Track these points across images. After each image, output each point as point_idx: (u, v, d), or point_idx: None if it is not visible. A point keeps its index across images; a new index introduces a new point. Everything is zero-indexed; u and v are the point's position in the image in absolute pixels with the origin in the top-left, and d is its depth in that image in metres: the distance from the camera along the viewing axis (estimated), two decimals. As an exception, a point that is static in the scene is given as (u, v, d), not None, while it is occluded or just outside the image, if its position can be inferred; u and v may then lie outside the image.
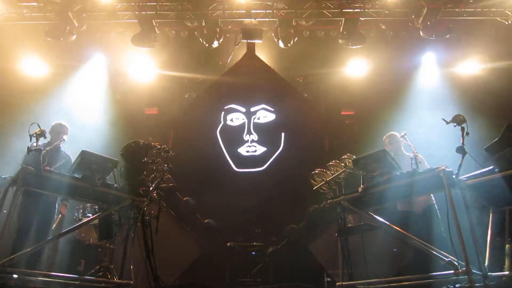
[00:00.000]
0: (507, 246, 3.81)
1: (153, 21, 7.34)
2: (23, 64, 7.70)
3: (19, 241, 4.69)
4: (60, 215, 5.30)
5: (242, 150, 7.98)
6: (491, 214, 4.02)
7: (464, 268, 3.66)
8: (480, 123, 5.57)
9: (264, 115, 8.14)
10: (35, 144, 4.41)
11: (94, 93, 7.79)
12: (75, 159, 4.61)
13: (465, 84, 7.43)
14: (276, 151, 7.98)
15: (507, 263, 3.77)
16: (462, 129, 3.95)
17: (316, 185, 5.14)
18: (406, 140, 4.73)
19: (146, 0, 7.12)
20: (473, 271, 3.63)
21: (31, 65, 7.79)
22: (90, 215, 5.50)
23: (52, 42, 7.35)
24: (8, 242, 4.33)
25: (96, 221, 5.14)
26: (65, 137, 5.23)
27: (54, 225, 5.23)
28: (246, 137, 7.98)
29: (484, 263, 3.74)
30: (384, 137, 5.36)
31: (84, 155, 4.64)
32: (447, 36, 7.13)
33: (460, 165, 3.94)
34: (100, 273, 4.80)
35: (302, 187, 6.10)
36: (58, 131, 5.37)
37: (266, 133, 8.03)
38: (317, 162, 5.52)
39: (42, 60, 7.78)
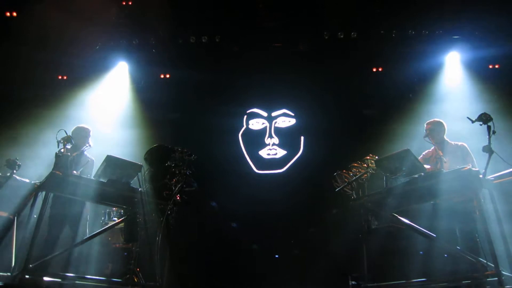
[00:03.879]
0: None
1: (174, 27, 7.47)
2: (50, 73, 7.93)
3: (49, 244, 4.81)
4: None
5: (263, 153, 8.12)
6: (521, 215, 3.91)
7: (493, 270, 3.58)
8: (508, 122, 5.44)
9: (285, 119, 8.24)
10: (62, 150, 4.55)
11: (118, 99, 7.94)
12: (101, 164, 4.73)
13: (491, 83, 7.19)
14: (296, 154, 8.06)
15: (538, 265, 3.66)
16: (489, 127, 3.86)
17: (338, 187, 5.11)
18: (429, 140, 4.65)
19: (168, 6, 7.23)
20: (503, 272, 3.54)
21: (56, 74, 8.03)
22: (116, 219, 5.61)
23: (76, 51, 7.54)
24: (39, 245, 4.44)
25: (122, 225, 5.25)
26: (90, 141, 5.34)
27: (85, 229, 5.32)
28: (267, 140, 8.13)
29: (515, 265, 3.63)
30: (426, 123, 5.08)
31: (109, 160, 4.77)
32: (472, 33, 6.98)
33: (487, 165, 3.86)
34: (127, 276, 4.88)
35: (323, 189, 6.08)
36: (81, 134, 5.44)
37: (287, 137, 8.15)
38: (338, 164, 5.49)
39: (67, 69, 8.00)
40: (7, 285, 3.87)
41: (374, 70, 7.93)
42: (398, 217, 4.53)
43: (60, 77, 8.10)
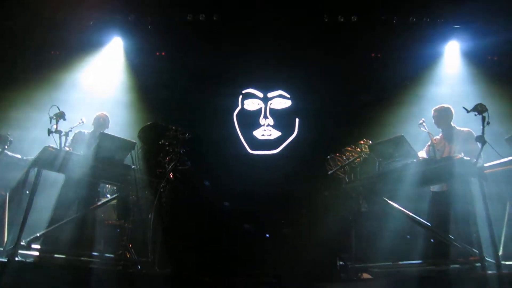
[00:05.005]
0: (522, 236, 3.81)
1: (171, 4, 7.30)
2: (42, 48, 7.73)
3: (54, 222, 4.76)
4: None
5: (258, 134, 8.11)
6: (508, 204, 4.00)
7: (478, 256, 3.69)
8: (504, 113, 5.48)
9: (281, 101, 8.21)
10: (55, 126, 4.52)
11: (112, 76, 7.77)
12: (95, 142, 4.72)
13: (489, 74, 7.11)
14: (290, 136, 8.08)
15: (522, 252, 3.78)
16: (483, 118, 3.89)
17: (331, 170, 5.17)
18: (424, 128, 4.68)
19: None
20: (487, 259, 3.65)
21: (49, 49, 7.83)
22: (108, 195, 5.63)
23: (69, 26, 7.34)
24: (34, 222, 4.44)
25: (114, 202, 5.28)
26: (84, 119, 5.28)
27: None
28: (262, 121, 8.12)
29: (498, 252, 3.74)
30: (433, 110, 5.03)
31: (102, 137, 4.77)
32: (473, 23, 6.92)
33: (479, 154, 3.92)
34: (120, 252, 4.94)
35: (316, 171, 6.13)
36: (102, 121, 5.53)
37: (282, 118, 8.14)
38: (331, 147, 5.53)
39: (60, 44, 7.79)
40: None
41: (373, 55, 7.85)
42: (389, 201, 4.61)
43: (52, 53, 7.90)
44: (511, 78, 6.65)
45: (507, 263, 3.76)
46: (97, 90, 7.39)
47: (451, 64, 7.43)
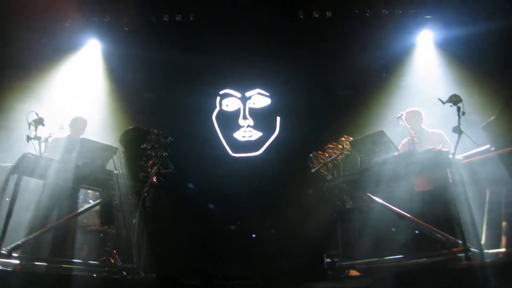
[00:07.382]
0: (503, 223, 3.88)
1: (147, 4, 7.25)
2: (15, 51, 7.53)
3: (33, 229, 4.63)
4: None
5: (238, 135, 8.04)
6: (487, 193, 4.08)
7: (461, 246, 3.74)
8: (478, 102, 5.60)
9: (260, 99, 8.15)
10: (33, 132, 4.44)
11: (90, 79, 7.64)
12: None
13: (462, 63, 7.24)
14: (272, 135, 8.04)
15: (503, 240, 3.85)
16: (458, 108, 3.99)
17: (314, 168, 5.20)
18: (403, 122, 4.75)
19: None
20: (470, 248, 3.71)
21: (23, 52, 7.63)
22: (91, 201, 5.55)
23: (43, 28, 7.19)
24: (15, 229, 4.34)
25: (97, 207, 5.20)
26: (63, 125, 5.18)
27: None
28: (241, 122, 8.04)
29: (481, 240, 3.80)
30: (405, 113, 5.06)
31: (83, 142, 4.71)
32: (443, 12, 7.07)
33: (456, 145, 4.00)
34: (104, 258, 4.87)
35: (299, 170, 6.15)
36: (78, 124, 5.48)
37: (262, 118, 8.08)
38: (314, 145, 5.56)
39: (34, 47, 7.61)
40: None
41: (349, 50, 7.91)
42: (372, 196, 4.65)
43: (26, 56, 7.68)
44: (484, 66, 6.75)
45: (490, 251, 3.81)
46: (75, 94, 7.25)
47: (425, 54, 7.50)
